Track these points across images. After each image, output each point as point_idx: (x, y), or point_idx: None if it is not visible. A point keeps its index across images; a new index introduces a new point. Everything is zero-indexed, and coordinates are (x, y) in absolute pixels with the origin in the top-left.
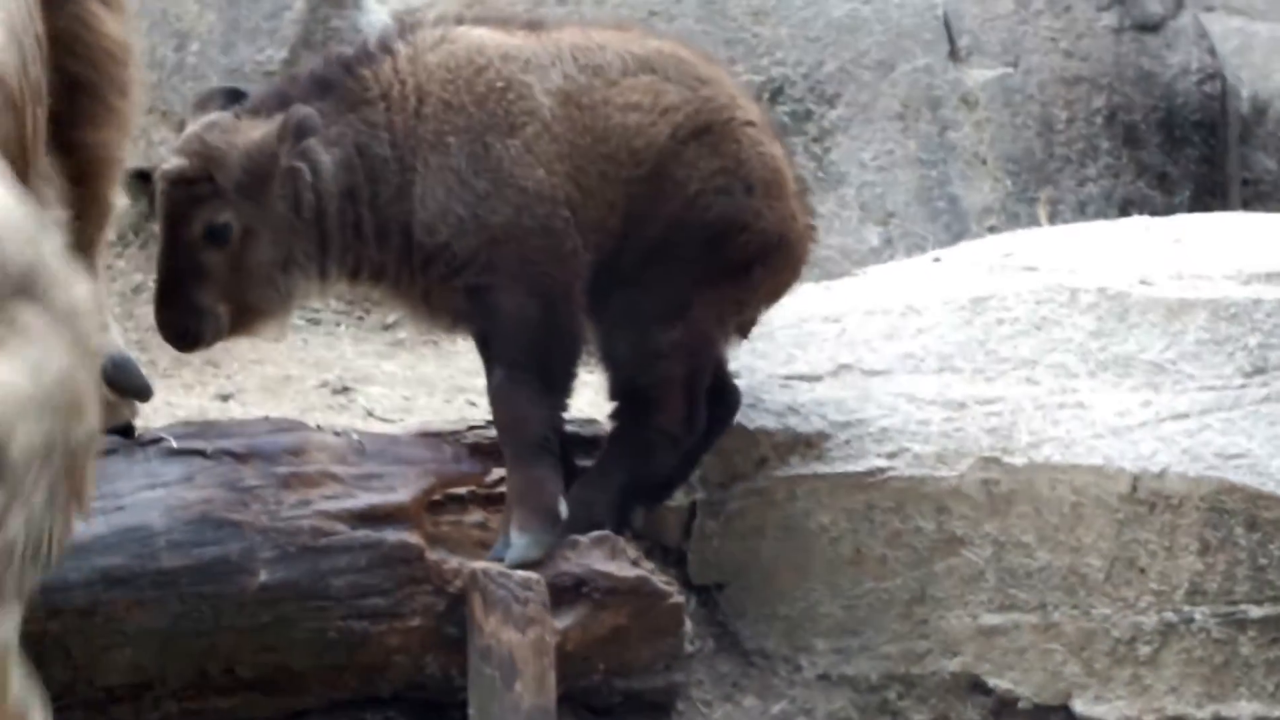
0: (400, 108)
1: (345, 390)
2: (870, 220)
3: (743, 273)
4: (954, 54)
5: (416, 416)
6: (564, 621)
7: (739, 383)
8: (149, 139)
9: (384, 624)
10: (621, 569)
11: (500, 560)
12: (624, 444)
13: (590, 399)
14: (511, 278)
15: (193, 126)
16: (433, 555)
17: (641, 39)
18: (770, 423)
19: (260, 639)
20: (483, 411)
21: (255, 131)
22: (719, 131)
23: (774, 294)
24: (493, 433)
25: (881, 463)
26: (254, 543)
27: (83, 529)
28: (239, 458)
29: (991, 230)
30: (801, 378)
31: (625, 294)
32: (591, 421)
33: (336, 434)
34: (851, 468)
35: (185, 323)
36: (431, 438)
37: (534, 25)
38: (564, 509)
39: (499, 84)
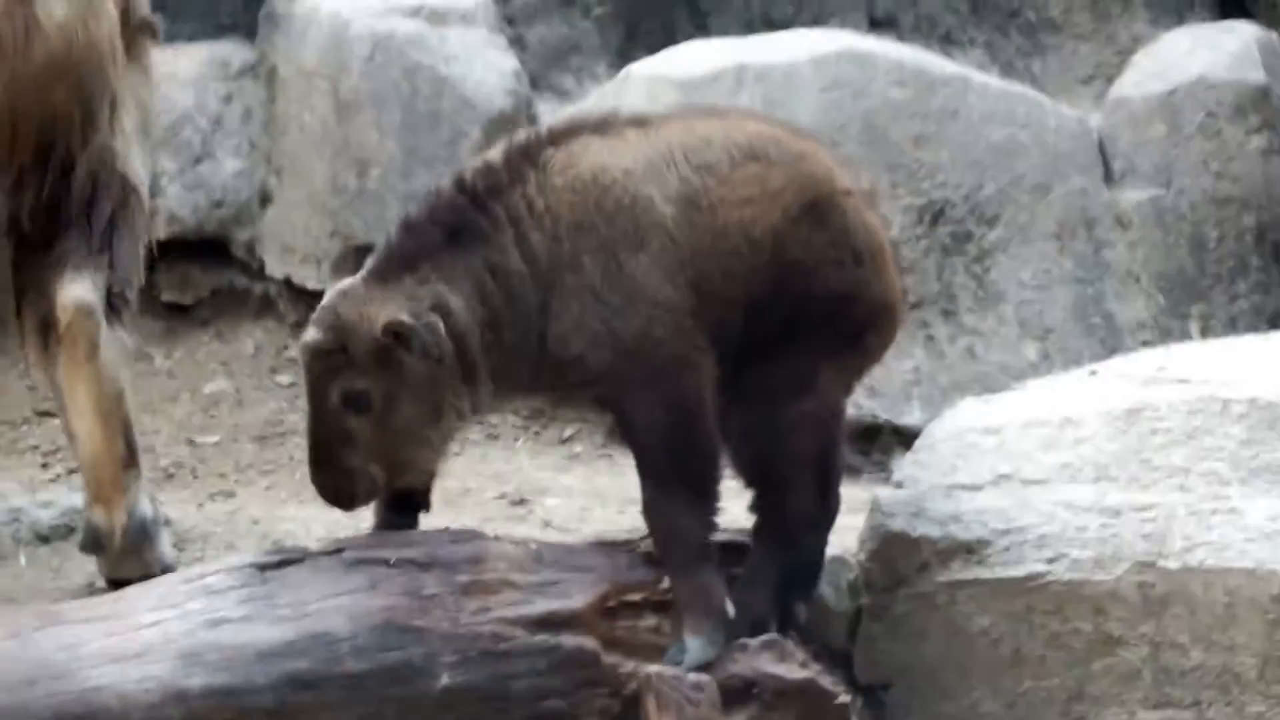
0: (536, 226)
1: (523, 502)
2: (1028, 336)
3: (858, 340)
4: (1108, 176)
5: (592, 527)
6: None
7: (903, 493)
8: (334, 264)
9: None
10: (790, 670)
11: (678, 664)
12: (767, 538)
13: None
14: (642, 388)
15: (329, 296)
16: (608, 659)
17: (740, 124)
18: (933, 530)
19: None
20: None
21: (386, 306)
22: (824, 205)
23: (879, 357)
24: None
25: (1041, 567)
26: (436, 648)
27: (271, 635)
28: (421, 566)
29: (1145, 345)
30: (963, 487)
31: (756, 371)
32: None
33: (515, 543)
34: (1011, 572)
35: (338, 485)
36: (607, 546)
37: (640, 123)
38: (731, 609)
39: (625, 200)
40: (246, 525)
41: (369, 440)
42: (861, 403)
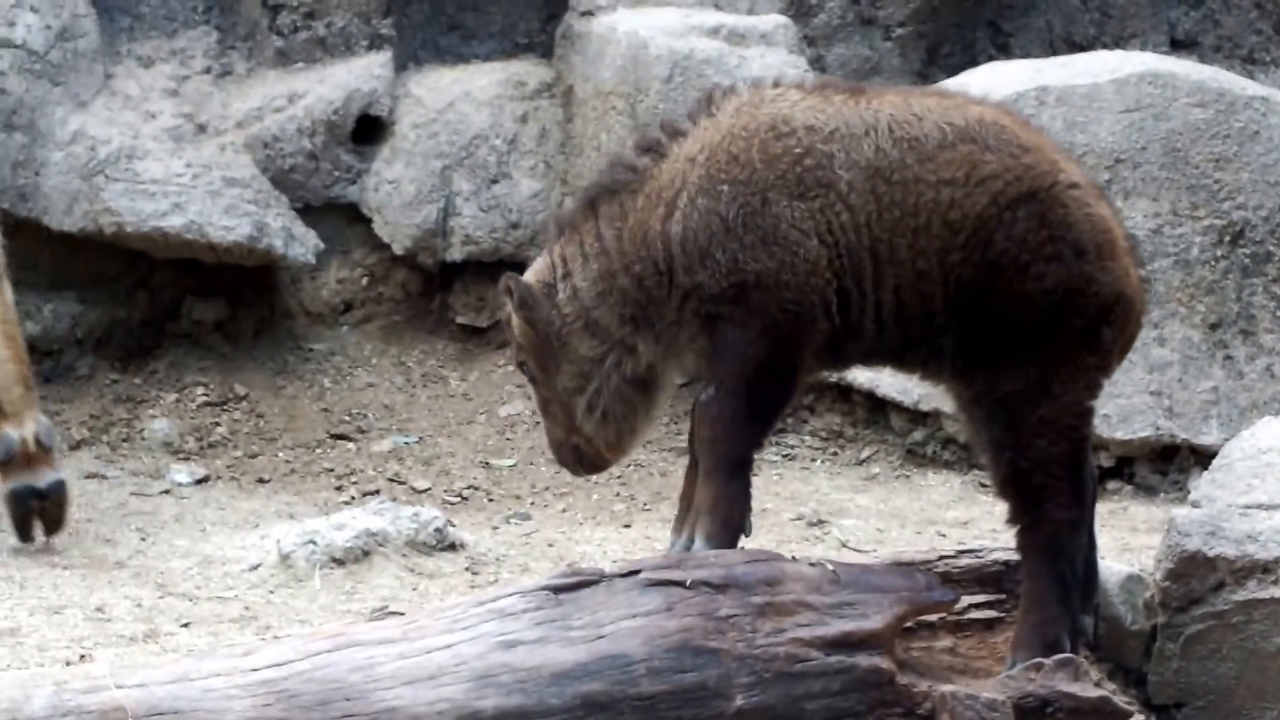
0: (666, 154)
1: (820, 523)
2: None
3: (1094, 337)
4: None
5: (889, 547)
6: None
7: (1199, 512)
8: None
9: None
10: (1084, 690)
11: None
12: (1034, 553)
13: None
14: (751, 314)
15: None
16: (903, 679)
17: (963, 107)
18: (1229, 550)
19: None
20: (953, 542)
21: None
22: (1044, 198)
23: (1125, 350)
24: (963, 562)
25: None
26: (731, 669)
27: (565, 656)
28: (717, 588)
29: None
30: (1260, 507)
31: (986, 377)
32: None
33: (811, 564)
34: None
35: (558, 453)
36: (903, 567)
37: (855, 92)
38: (749, 526)
39: (796, 150)
40: (541, 548)
41: (551, 410)
42: (1160, 423)
